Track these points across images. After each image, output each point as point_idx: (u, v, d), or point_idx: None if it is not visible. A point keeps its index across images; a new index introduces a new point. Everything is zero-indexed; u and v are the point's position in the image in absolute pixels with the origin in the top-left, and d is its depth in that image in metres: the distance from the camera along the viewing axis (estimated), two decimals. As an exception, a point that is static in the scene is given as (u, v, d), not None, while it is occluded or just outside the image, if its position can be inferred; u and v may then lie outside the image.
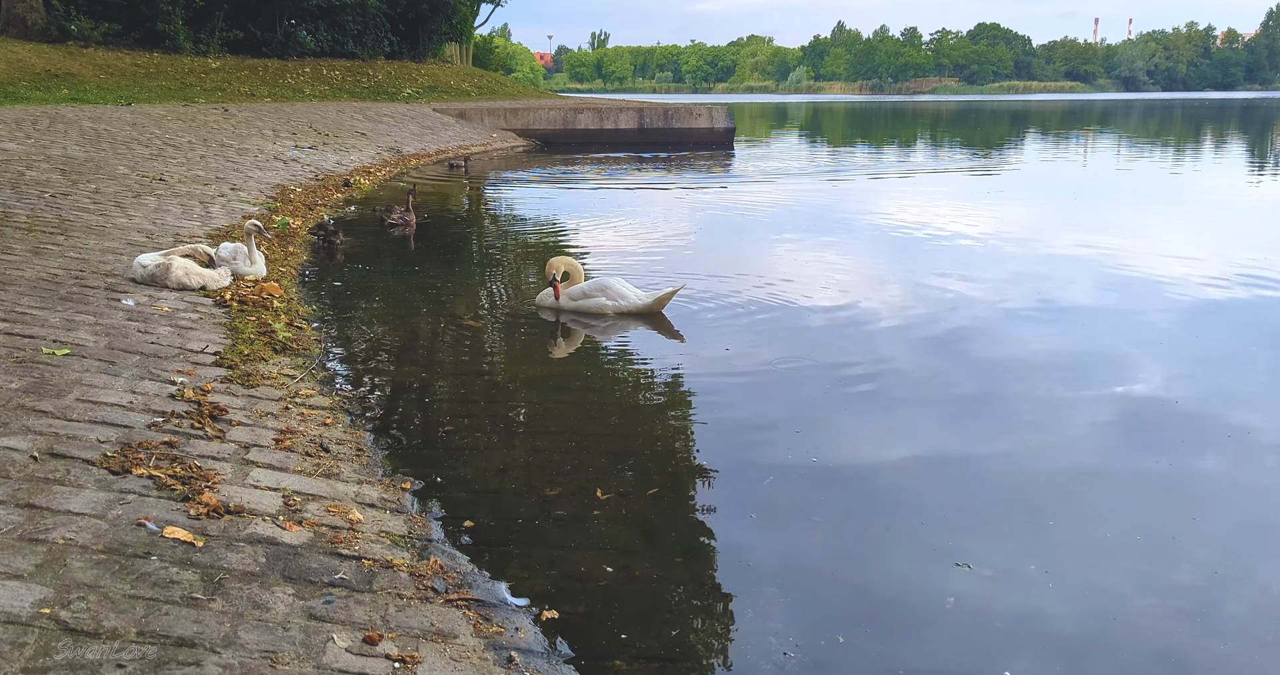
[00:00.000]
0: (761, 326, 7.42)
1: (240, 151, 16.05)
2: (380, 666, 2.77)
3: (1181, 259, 10.24)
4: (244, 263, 7.64)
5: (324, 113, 24.37)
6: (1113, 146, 31.26)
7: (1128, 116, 59.78)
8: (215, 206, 11.01)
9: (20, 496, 3.32)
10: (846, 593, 3.66)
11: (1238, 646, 3.32)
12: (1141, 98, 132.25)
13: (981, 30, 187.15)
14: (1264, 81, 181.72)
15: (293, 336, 6.26)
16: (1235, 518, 4.33)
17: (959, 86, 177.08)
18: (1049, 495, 4.46)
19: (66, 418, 4.09)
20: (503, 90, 39.98)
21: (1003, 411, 5.65)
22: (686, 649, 3.28)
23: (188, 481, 3.68)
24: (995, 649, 3.28)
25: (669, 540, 4.03)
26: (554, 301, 7.68)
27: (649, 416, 5.59)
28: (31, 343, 5.05)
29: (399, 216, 11.90)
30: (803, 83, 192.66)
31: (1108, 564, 3.84)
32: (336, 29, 35.52)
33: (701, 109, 29.93)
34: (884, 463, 4.87)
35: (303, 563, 3.27)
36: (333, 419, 4.91)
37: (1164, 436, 5.27)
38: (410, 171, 19.44)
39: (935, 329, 7.38)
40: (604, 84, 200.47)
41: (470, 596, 3.34)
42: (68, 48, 26.58)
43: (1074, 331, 7.33)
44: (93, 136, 14.64)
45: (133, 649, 2.60)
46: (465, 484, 4.43)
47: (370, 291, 8.53)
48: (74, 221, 8.80)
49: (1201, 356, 6.75)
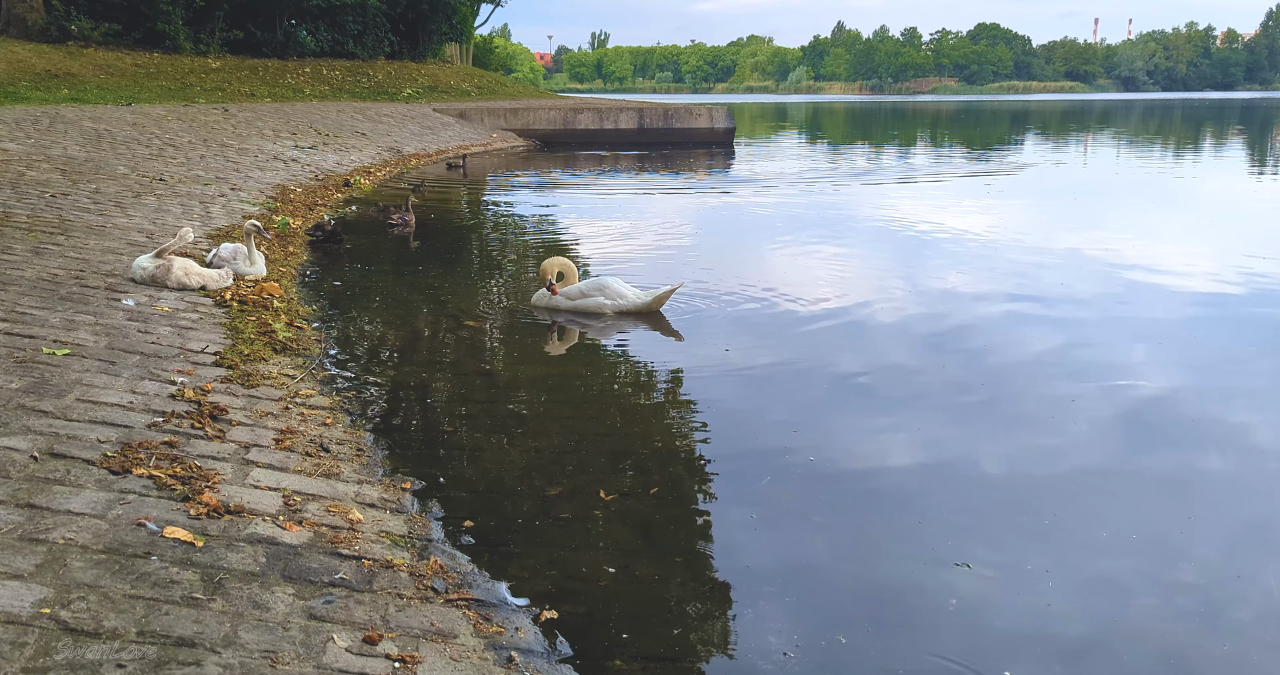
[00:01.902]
0: (761, 326, 7.42)
1: (240, 151, 16.05)
2: (380, 666, 2.77)
3: (1182, 259, 10.24)
4: (244, 263, 7.65)
5: (324, 113, 24.37)
6: (1112, 146, 31.26)
7: (1128, 117, 59.76)
8: (215, 206, 11.01)
9: (20, 496, 3.32)
10: (847, 592, 3.66)
11: (1240, 647, 3.32)
12: (1141, 98, 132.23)
13: (981, 30, 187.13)
14: (1264, 81, 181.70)
15: (293, 336, 6.26)
16: (1237, 518, 4.33)
17: (959, 86, 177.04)
18: (1049, 495, 4.46)
19: (66, 418, 4.09)
20: (503, 90, 39.99)
21: (1003, 411, 5.65)
22: (686, 649, 3.28)
23: (188, 481, 3.68)
24: (996, 649, 3.28)
25: (669, 540, 4.03)
26: (550, 301, 7.68)
27: (649, 416, 5.59)
28: (31, 343, 5.05)
29: (399, 216, 11.93)
30: (803, 83, 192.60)
31: (1109, 564, 3.84)
32: (336, 29, 35.52)
33: (701, 109, 29.92)
34: (884, 462, 4.87)
35: (303, 563, 3.27)
36: (333, 419, 4.91)
37: (1165, 436, 5.27)
38: (410, 171, 19.44)
39: (935, 328, 7.38)
40: (604, 84, 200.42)
41: (470, 596, 3.34)
42: (68, 48, 26.57)
43: (1074, 331, 7.33)
44: (93, 136, 14.64)
45: (133, 649, 2.60)
46: (465, 484, 4.43)
47: (370, 291, 8.53)
48: (74, 221, 8.80)
49: (1202, 356, 6.75)
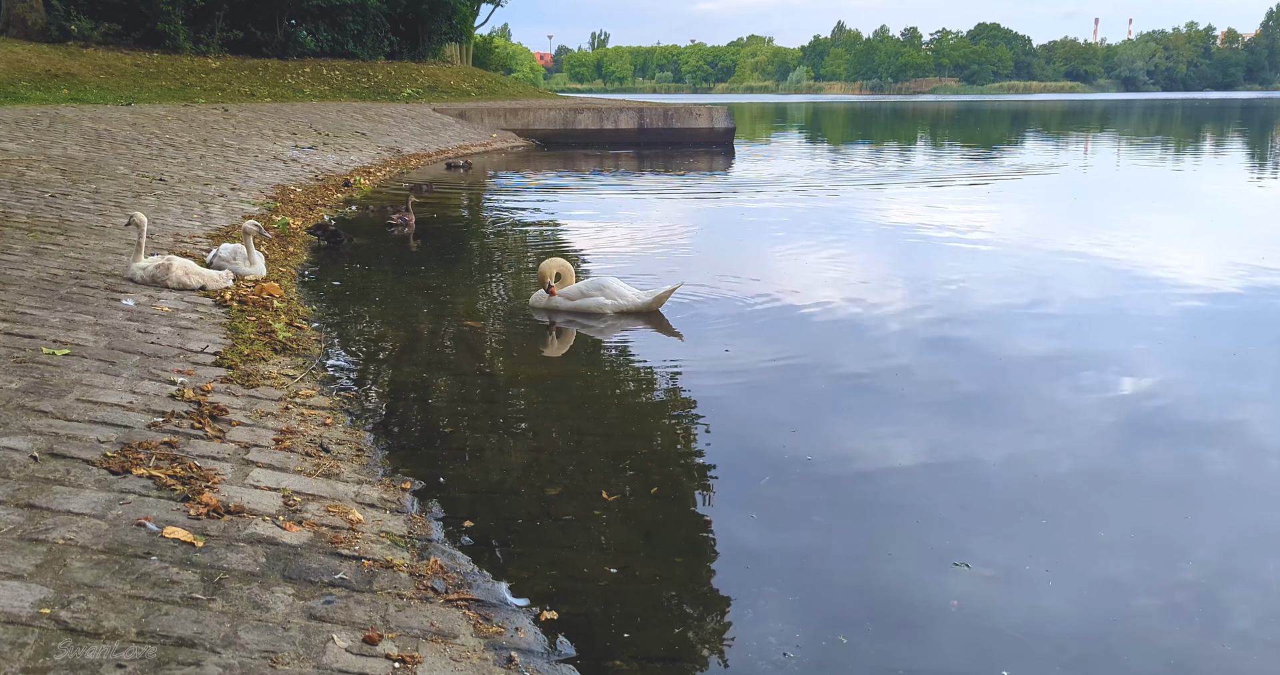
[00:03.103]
0: (761, 325, 7.42)
1: (240, 151, 16.05)
2: (380, 666, 2.77)
3: (1182, 259, 10.24)
4: (243, 263, 7.66)
5: (324, 113, 24.36)
6: (1112, 146, 31.25)
7: (1128, 117, 59.76)
8: (215, 206, 11.01)
9: (20, 496, 3.32)
10: (847, 592, 3.66)
11: (1241, 647, 3.32)
12: (1141, 98, 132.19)
13: (981, 30, 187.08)
14: (1264, 81, 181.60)
15: (293, 336, 6.26)
16: (1237, 517, 4.33)
17: (959, 86, 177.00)
18: (1050, 495, 4.45)
19: (66, 418, 4.09)
20: (503, 90, 39.97)
21: (1003, 412, 5.65)
22: (686, 649, 3.28)
23: (188, 481, 3.68)
24: (997, 649, 3.28)
25: (669, 540, 4.03)
26: (550, 302, 7.67)
27: (649, 416, 5.59)
28: (31, 343, 5.05)
29: (399, 216, 11.94)
30: (803, 83, 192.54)
31: (1111, 564, 3.84)
32: (336, 29, 35.51)
33: (701, 109, 29.92)
34: (884, 462, 4.87)
35: (303, 563, 3.27)
36: (333, 419, 4.91)
37: (1166, 436, 5.27)
38: (410, 171, 19.44)
39: (935, 329, 7.38)
40: (604, 84, 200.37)
41: (470, 596, 3.34)
42: (68, 48, 26.56)
43: (1075, 332, 7.32)
44: (93, 136, 14.64)
45: (133, 649, 2.60)
46: (465, 484, 4.43)
47: (370, 291, 8.53)
48: (74, 221, 8.80)
49: (1203, 356, 6.75)
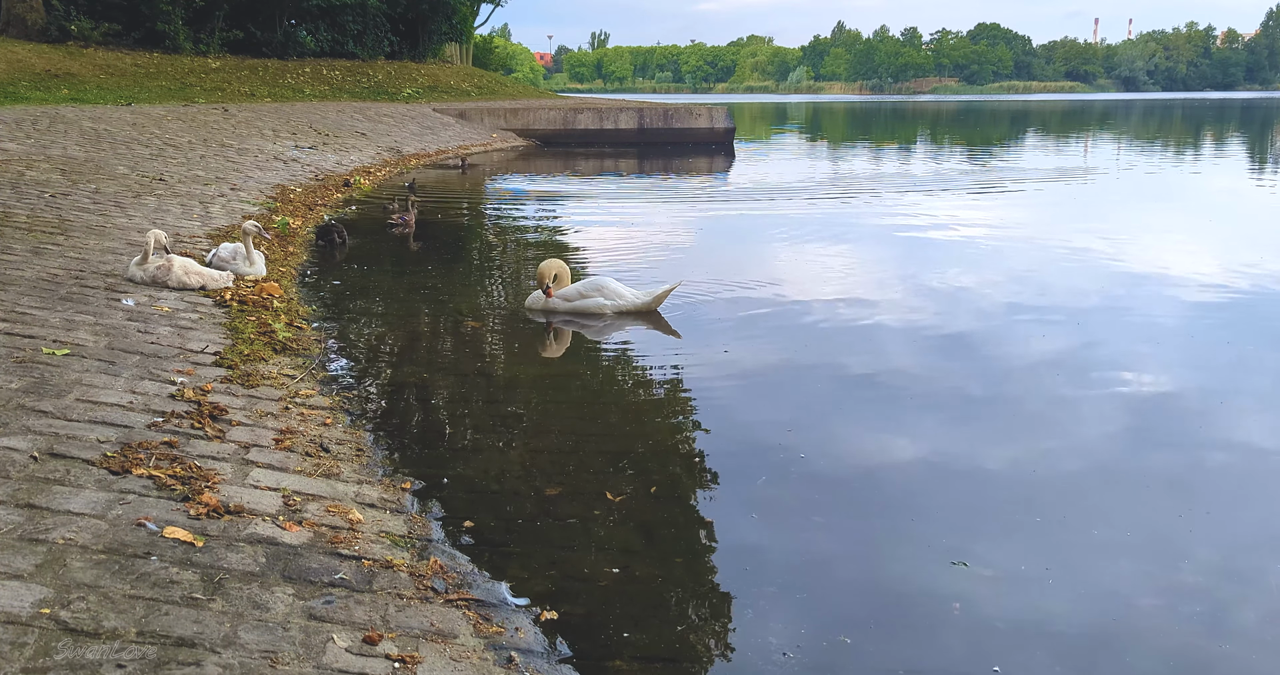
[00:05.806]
0: (760, 325, 7.42)
1: (240, 151, 16.05)
2: (380, 666, 2.77)
3: (1183, 260, 10.25)
4: (243, 263, 7.66)
5: (324, 113, 24.36)
6: (1112, 147, 31.25)
7: (1128, 117, 59.76)
8: (215, 206, 11.01)
9: (20, 496, 3.32)
10: (847, 593, 3.66)
11: (1242, 647, 3.32)
12: (1141, 98, 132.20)
13: (981, 30, 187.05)
14: (1264, 81, 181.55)
15: (293, 336, 6.27)
16: (1239, 517, 4.33)
17: (959, 86, 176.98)
18: (1051, 495, 4.45)
19: (66, 418, 4.09)
20: (503, 90, 39.96)
21: (1004, 412, 5.65)
22: (686, 649, 3.28)
23: (188, 481, 3.68)
24: (998, 649, 3.28)
25: (669, 540, 4.03)
26: (548, 303, 7.66)
27: (649, 416, 5.59)
28: (31, 343, 5.05)
29: (399, 216, 11.93)
30: (803, 83, 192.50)
31: (1112, 564, 3.84)
32: (336, 29, 35.49)
33: (701, 109, 29.91)
34: (885, 462, 4.87)
35: (303, 563, 3.27)
36: (333, 419, 4.91)
37: (1167, 437, 5.27)
38: (410, 171, 19.44)
39: (935, 329, 7.38)
40: (604, 84, 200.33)
41: (470, 596, 3.34)
42: (68, 48, 26.56)
43: (1076, 332, 7.32)
44: (93, 136, 14.64)
45: (133, 649, 2.60)
46: (465, 484, 4.43)
47: (370, 291, 8.53)
48: (74, 221, 8.80)
49: (1204, 357, 6.75)
